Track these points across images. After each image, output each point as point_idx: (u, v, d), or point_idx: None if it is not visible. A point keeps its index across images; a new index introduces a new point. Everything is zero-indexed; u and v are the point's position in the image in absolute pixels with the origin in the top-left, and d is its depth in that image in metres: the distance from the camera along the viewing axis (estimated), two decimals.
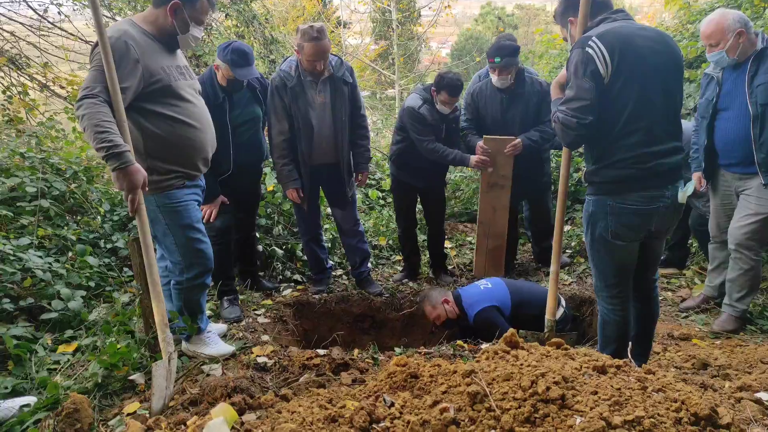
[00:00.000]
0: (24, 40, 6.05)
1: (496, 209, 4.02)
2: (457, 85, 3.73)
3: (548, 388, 1.60)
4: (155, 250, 2.75)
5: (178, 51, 2.69)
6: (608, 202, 2.31)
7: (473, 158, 3.94)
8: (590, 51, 2.14)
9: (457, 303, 3.59)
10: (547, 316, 2.81)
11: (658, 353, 3.06)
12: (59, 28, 6.17)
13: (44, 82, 6.09)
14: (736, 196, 3.27)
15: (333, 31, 12.50)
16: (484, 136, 3.96)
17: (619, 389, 1.64)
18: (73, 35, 6.16)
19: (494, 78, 3.87)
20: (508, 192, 4.02)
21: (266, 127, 3.75)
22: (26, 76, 6.00)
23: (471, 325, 3.53)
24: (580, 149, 4.21)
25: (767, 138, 2.99)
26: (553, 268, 2.69)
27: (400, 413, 1.71)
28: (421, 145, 3.90)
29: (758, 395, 1.85)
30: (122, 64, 2.32)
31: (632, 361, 2.01)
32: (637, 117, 2.20)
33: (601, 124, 2.21)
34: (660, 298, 3.89)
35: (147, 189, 2.39)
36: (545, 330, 2.85)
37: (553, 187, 4.85)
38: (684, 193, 2.35)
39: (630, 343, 2.51)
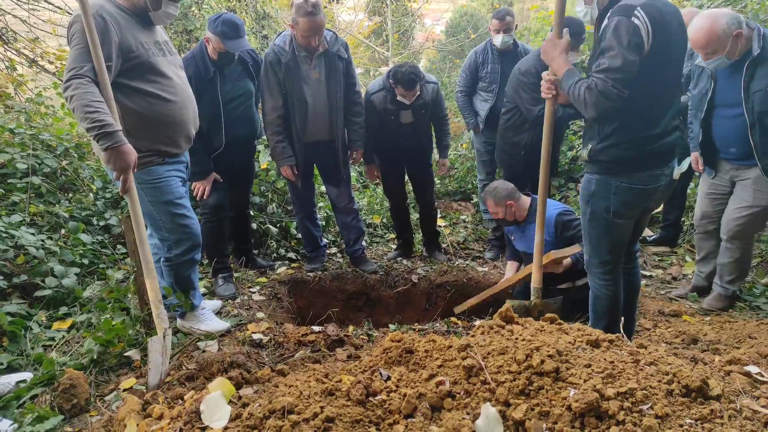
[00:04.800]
0: (10, 13, 5.91)
1: None
2: (411, 79, 3.64)
3: (542, 362, 1.62)
4: (146, 227, 2.74)
5: (157, 26, 2.64)
6: (612, 182, 2.29)
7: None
8: (637, 22, 2.02)
9: (531, 205, 3.39)
10: (533, 285, 2.83)
11: (649, 329, 3.10)
12: (46, 2, 6.02)
13: (32, 57, 5.96)
14: (730, 183, 3.20)
15: (326, 7, 12.29)
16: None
17: (612, 362, 1.66)
18: (61, 9, 6.02)
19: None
20: None
21: (260, 104, 3.71)
22: (14, 51, 5.87)
23: (519, 229, 3.45)
24: (574, 126, 4.12)
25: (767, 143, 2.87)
26: (537, 239, 2.69)
27: (397, 386, 1.73)
28: None
29: (747, 368, 1.88)
30: (104, 41, 2.27)
31: (624, 335, 2.03)
32: (655, 98, 2.17)
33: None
34: (651, 275, 3.96)
35: (136, 170, 2.37)
36: (531, 297, 2.87)
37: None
38: (678, 170, 2.36)
39: (622, 318, 2.54)
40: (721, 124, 3.07)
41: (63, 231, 3.53)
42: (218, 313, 3.22)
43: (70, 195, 3.99)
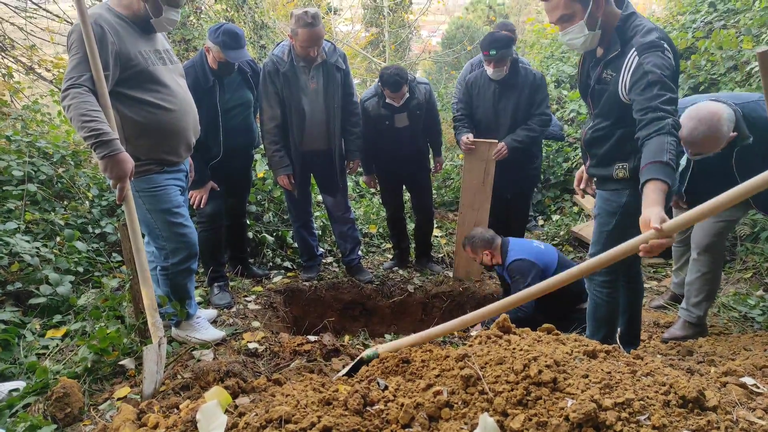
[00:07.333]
0: (8, 21, 5.92)
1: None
2: (396, 80, 3.66)
3: (540, 372, 1.62)
4: (143, 235, 2.73)
5: (158, 35, 2.65)
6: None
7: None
8: (669, 56, 2.12)
9: (502, 248, 3.56)
10: None
11: (644, 340, 3.11)
12: (44, 10, 6.04)
13: (29, 64, 5.97)
14: None
15: (324, 18, 12.38)
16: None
17: (610, 373, 1.67)
18: (59, 17, 6.04)
19: (489, 70, 3.85)
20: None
21: (258, 113, 3.72)
22: (11, 59, 5.87)
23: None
24: (570, 138, 4.13)
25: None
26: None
27: (394, 396, 1.72)
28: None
29: (743, 380, 1.89)
30: (101, 50, 2.28)
31: (621, 347, 2.04)
32: None
33: None
34: (646, 287, 3.98)
35: (133, 178, 2.38)
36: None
37: (542, 176, 4.87)
38: None
39: (619, 329, 2.56)
40: (714, 185, 2.95)
41: (58, 239, 3.51)
42: (213, 322, 3.20)
43: (66, 202, 3.97)
